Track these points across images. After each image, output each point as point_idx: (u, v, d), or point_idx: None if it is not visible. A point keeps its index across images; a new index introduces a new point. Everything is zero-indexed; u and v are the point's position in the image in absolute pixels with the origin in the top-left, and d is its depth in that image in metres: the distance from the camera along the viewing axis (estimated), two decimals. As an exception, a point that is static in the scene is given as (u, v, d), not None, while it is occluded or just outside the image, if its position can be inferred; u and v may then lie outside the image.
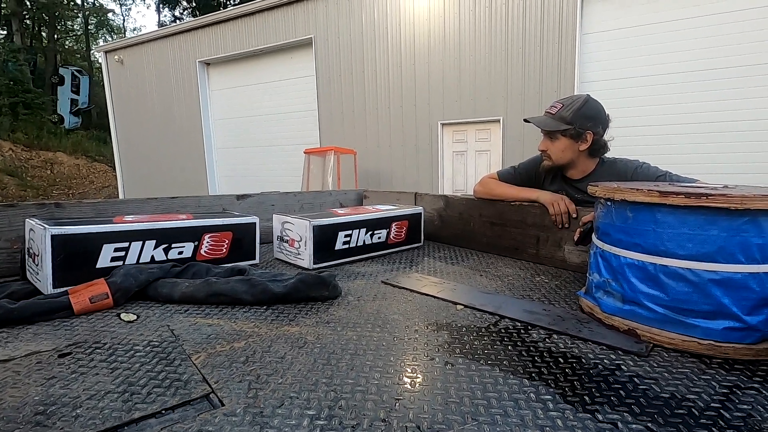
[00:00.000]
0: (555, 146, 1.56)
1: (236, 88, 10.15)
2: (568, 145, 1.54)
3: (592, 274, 1.04)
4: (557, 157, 1.57)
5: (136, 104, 11.64)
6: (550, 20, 6.42)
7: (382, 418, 0.62)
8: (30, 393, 0.67)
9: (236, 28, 9.51)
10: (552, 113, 1.56)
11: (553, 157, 1.58)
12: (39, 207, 1.43)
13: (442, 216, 1.96)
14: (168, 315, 1.03)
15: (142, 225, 1.26)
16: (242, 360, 0.79)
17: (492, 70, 6.95)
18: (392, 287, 1.28)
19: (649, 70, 5.97)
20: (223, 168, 10.77)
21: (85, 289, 1.06)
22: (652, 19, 5.91)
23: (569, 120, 1.51)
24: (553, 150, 1.57)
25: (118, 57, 11.62)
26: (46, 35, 23.72)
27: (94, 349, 0.84)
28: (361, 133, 8.35)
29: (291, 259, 1.55)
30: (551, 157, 1.59)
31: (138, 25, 42.09)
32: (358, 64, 8.18)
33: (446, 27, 7.27)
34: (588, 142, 1.52)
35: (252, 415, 0.62)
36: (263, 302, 1.10)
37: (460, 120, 7.37)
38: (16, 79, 17.37)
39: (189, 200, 1.77)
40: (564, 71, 6.38)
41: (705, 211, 0.81)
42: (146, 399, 0.66)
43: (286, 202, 2.07)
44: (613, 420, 0.62)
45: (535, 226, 1.59)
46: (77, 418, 0.61)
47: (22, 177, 13.75)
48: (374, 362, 0.79)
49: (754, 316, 0.80)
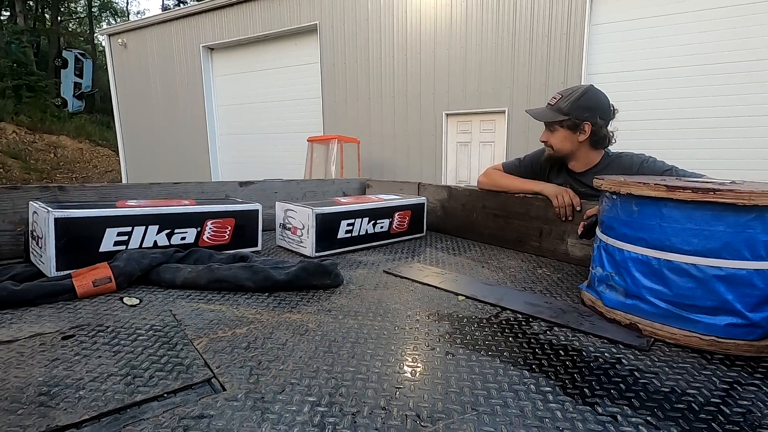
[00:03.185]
0: (554, 137, 1.58)
1: (240, 74, 10.08)
2: (567, 135, 1.55)
3: (595, 267, 1.04)
4: (558, 148, 1.59)
5: (139, 89, 11.59)
6: (559, 10, 6.32)
7: (383, 406, 0.62)
8: (34, 374, 0.68)
9: (240, 13, 9.42)
10: (551, 104, 1.57)
11: (554, 147, 1.59)
12: (42, 190, 1.43)
13: (445, 207, 1.95)
14: (170, 300, 1.04)
15: (145, 210, 1.26)
16: (244, 346, 0.79)
17: (498, 60, 6.87)
18: (394, 277, 1.28)
19: (658, 63, 5.89)
20: (226, 154, 10.76)
21: (88, 273, 1.06)
22: (661, 11, 5.81)
23: (566, 111, 1.52)
24: (553, 141, 1.59)
25: (121, 41, 11.54)
26: (49, 17, 23.55)
27: (97, 332, 0.84)
28: (365, 122, 8.30)
29: (293, 247, 1.55)
30: (553, 148, 1.60)
31: (141, 9, 41.75)
32: (363, 52, 8.10)
33: (453, 15, 7.17)
34: (586, 133, 1.53)
35: (253, 400, 0.62)
36: (265, 289, 1.10)
37: (464, 110, 7.31)
38: (19, 61, 17.30)
39: (192, 186, 1.77)
40: (571, 63, 6.30)
41: (712, 207, 0.80)
42: (148, 382, 0.66)
43: (288, 189, 2.07)
44: (612, 413, 0.62)
45: (539, 218, 1.58)
46: (80, 399, 0.61)
47: (25, 160, 13.78)
48: (375, 351, 0.79)
49: (757, 313, 0.80)
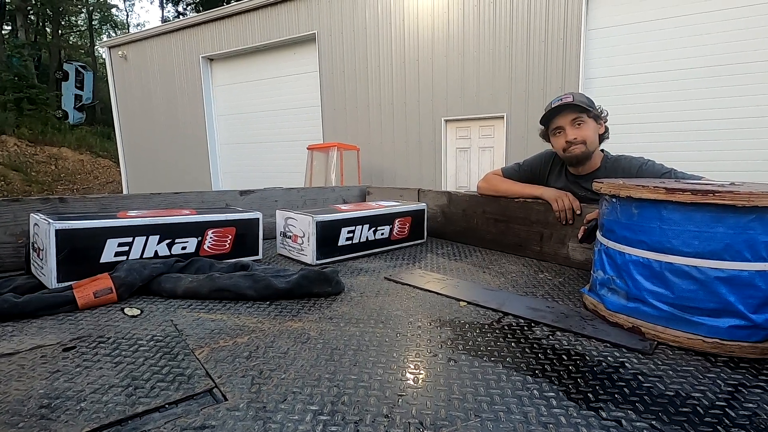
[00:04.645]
0: (585, 130, 1.52)
1: (239, 83, 10.14)
2: (595, 127, 1.55)
3: (597, 271, 1.04)
4: (591, 140, 1.53)
5: (139, 100, 11.66)
6: (555, 16, 6.37)
7: (385, 414, 0.61)
8: (35, 386, 0.68)
9: (239, 23, 9.50)
10: (571, 101, 1.51)
11: (588, 141, 1.52)
12: (44, 202, 1.44)
13: (445, 212, 1.95)
14: (171, 310, 1.04)
15: (145, 220, 1.27)
16: (245, 355, 0.79)
17: (496, 67, 6.91)
18: (395, 283, 1.28)
19: (655, 67, 5.92)
20: (227, 163, 10.79)
21: (89, 284, 1.06)
22: (657, 16, 5.85)
23: (588, 103, 1.53)
24: (586, 133, 1.52)
25: (121, 53, 11.63)
26: (50, 31, 23.76)
27: (98, 344, 0.84)
28: (365, 129, 8.33)
29: (294, 255, 1.55)
30: (585, 142, 1.52)
31: (141, 21, 42.17)
32: (362, 60, 8.15)
33: (450, 22, 7.23)
34: (603, 124, 1.56)
35: (255, 410, 0.62)
36: (266, 298, 1.10)
37: (463, 116, 7.34)
38: (20, 74, 17.43)
39: (192, 195, 1.77)
40: (569, 67, 6.34)
41: (712, 209, 0.80)
42: (150, 393, 0.66)
43: (289, 198, 2.07)
44: (617, 417, 0.61)
45: (539, 222, 1.58)
46: (81, 411, 0.61)
47: (26, 172, 13.82)
48: (377, 358, 0.79)
49: (760, 315, 0.80)
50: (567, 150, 1.55)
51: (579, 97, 1.53)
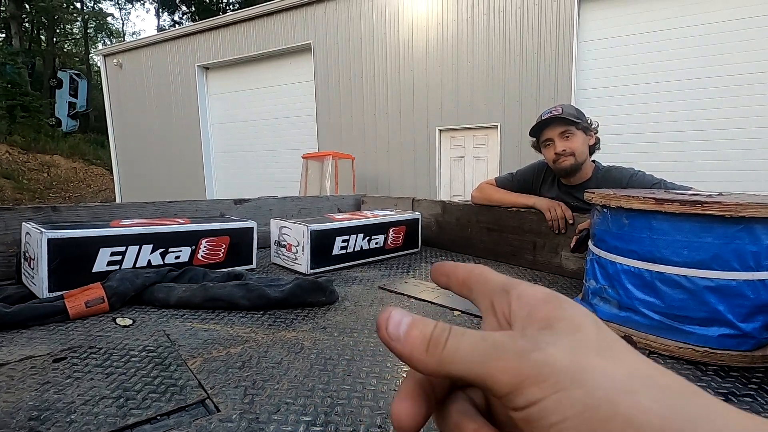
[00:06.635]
0: (574, 141, 1.56)
1: (235, 92, 10.18)
2: (584, 139, 1.57)
3: (589, 280, 1.05)
4: (580, 151, 1.57)
5: (134, 108, 11.65)
6: (548, 28, 6.48)
7: (379, 424, 0.61)
8: (24, 398, 0.67)
9: (235, 33, 9.56)
10: (559, 114, 1.55)
11: (576, 152, 1.56)
12: (35, 210, 1.43)
13: (439, 222, 1.96)
14: (164, 320, 1.03)
15: (139, 229, 1.26)
16: (238, 365, 0.79)
17: (490, 77, 7.00)
18: (389, 293, 1.28)
19: (646, 78, 6.03)
20: (221, 172, 10.77)
21: (80, 294, 1.05)
22: (648, 28, 5.98)
23: (576, 115, 1.55)
24: (575, 145, 1.56)
25: (116, 61, 11.65)
26: (45, 38, 23.76)
27: (90, 354, 0.83)
28: (359, 138, 8.37)
29: (288, 264, 1.54)
30: (575, 153, 1.56)
31: (137, 29, 42.28)
32: (357, 70, 8.22)
33: (444, 34, 7.32)
34: (593, 135, 1.58)
35: (248, 421, 0.61)
36: (260, 307, 1.10)
37: (457, 126, 7.41)
38: (14, 81, 17.36)
39: (186, 204, 1.77)
40: (561, 78, 6.44)
41: (700, 219, 0.81)
42: (141, 404, 0.65)
43: (283, 206, 2.07)
44: (609, 427, 0.62)
45: (532, 232, 1.60)
46: (71, 423, 0.61)
47: (18, 180, 13.70)
48: (371, 368, 0.79)
49: (748, 323, 0.81)
50: (557, 162, 1.58)
51: (568, 109, 1.55)
